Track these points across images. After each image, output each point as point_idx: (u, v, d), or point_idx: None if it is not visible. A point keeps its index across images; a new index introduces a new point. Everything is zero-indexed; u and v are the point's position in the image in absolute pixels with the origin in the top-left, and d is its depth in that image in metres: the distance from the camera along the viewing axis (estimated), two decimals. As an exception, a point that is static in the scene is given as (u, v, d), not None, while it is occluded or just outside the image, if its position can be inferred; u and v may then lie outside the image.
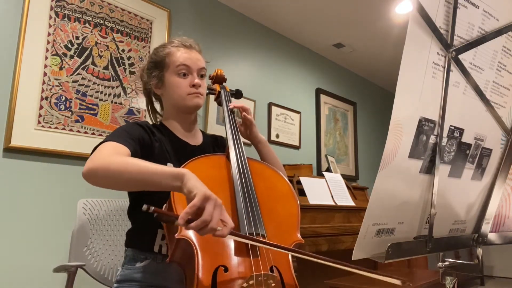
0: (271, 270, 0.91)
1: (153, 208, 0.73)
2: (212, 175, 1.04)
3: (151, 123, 1.22)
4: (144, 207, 0.72)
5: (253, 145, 1.30)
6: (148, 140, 1.07)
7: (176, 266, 0.95)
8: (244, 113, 1.27)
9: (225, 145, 1.29)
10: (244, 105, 1.28)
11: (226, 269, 0.87)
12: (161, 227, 1.06)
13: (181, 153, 1.09)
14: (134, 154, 0.98)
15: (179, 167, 0.99)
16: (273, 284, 0.86)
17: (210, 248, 0.89)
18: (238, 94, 1.39)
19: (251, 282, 0.84)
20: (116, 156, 0.90)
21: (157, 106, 1.31)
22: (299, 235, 1.05)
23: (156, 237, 1.07)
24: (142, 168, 0.85)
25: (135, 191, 0.91)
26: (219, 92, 1.33)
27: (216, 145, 1.29)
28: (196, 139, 1.23)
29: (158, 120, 1.27)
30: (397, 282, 0.69)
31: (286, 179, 1.18)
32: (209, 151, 1.19)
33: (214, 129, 2.75)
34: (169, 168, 0.86)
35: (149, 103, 1.29)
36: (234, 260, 0.90)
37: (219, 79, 1.37)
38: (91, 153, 0.94)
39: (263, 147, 1.30)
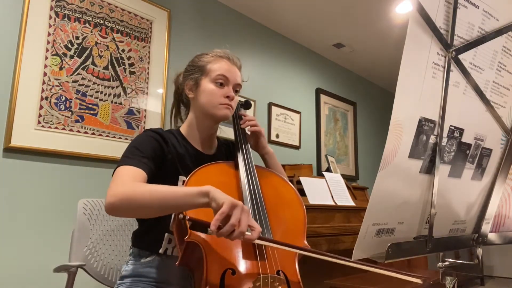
0: (278, 274, 0.93)
1: (188, 217, 0.80)
2: (220, 182, 1.06)
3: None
4: (181, 216, 0.80)
5: (260, 155, 1.31)
6: (160, 153, 1.07)
7: (185, 268, 0.96)
8: (254, 127, 1.27)
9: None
10: (255, 123, 1.27)
11: (233, 272, 0.89)
12: (168, 231, 1.07)
13: (195, 163, 1.09)
14: (149, 174, 1.00)
15: None
16: (279, 287, 0.87)
17: (218, 251, 0.91)
18: (247, 105, 1.41)
19: (257, 284, 0.85)
20: (136, 186, 0.91)
21: (182, 110, 1.31)
22: (305, 242, 1.06)
23: (163, 240, 1.09)
24: (167, 195, 0.88)
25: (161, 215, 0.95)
26: None
27: (229, 151, 1.30)
28: (211, 148, 1.24)
29: (177, 126, 1.27)
30: (418, 281, 0.69)
31: (293, 187, 1.19)
32: (223, 159, 1.21)
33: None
34: (192, 188, 0.88)
35: (176, 106, 1.29)
36: (242, 263, 0.92)
37: None
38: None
39: (270, 158, 1.30)
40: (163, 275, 1.07)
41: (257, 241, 0.86)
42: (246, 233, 0.82)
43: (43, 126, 1.94)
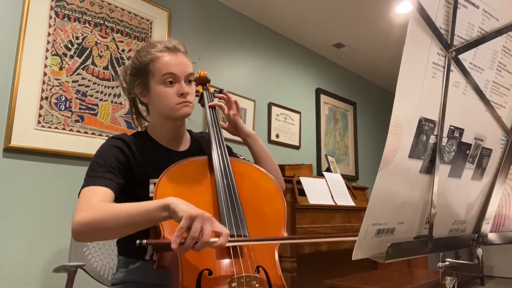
0: (257, 271, 0.91)
1: (145, 241, 0.77)
2: (194, 179, 1.04)
3: (134, 130, 1.19)
4: (137, 242, 0.76)
5: (242, 140, 1.26)
6: (124, 161, 1.04)
7: (164, 271, 0.95)
8: (226, 111, 1.24)
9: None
10: (226, 101, 1.24)
11: (210, 273, 0.88)
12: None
13: (166, 162, 1.05)
14: (115, 189, 0.98)
15: None
16: (257, 285, 0.86)
17: (193, 252, 0.89)
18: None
19: (233, 285, 0.84)
20: (99, 209, 0.88)
21: (143, 110, 1.25)
22: (285, 233, 1.05)
23: (147, 247, 1.07)
24: (128, 214, 0.86)
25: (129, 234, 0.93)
26: (202, 93, 1.31)
27: (204, 144, 1.25)
28: (184, 144, 1.20)
29: (144, 126, 1.22)
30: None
31: (272, 178, 1.16)
32: (197, 155, 1.16)
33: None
34: (153, 202, 0.86)
35: (134, 108, 1.23)
36: (218, 263, 0.91)
37: (202, 81, 1.34)
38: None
39: (253, 142, 1.24)
40: (153, 279, 1.05)
41: (229, 244, 0.84)
42: (213, 239, 0.80)
43: (43, 126, 1.94)
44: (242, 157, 1.25)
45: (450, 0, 0.59)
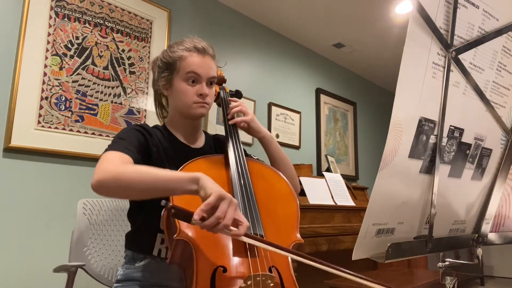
0: (270, 271, 0.92)
1: (170, 204, 0.76)
2: (210, 176, 1.05)
3: (153, 123, 1.21)
4: (163, 202, 0.75)
5: (259, 141, 1.29)
6: (145, 145, 1.06)
7: (176, 266, 0.95)
8: (240, 119, 1.23)
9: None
10: (242, 108, 1.24)
11: (225, 270, 0.88)
12: (160, 231, 1.06)
13: (181, 157, 1.08)
14: (135, 161, 0.97)
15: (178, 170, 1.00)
16: (272, 284, 0.86)
17: (208, 249, 0.89)
18: (237, 95, 1.39)
19: (249, 282, 0.84)
20: (125, 165, 0.89)
21: (164, 101, 1.29)
22: (298, 235, 1.05)
23: (155, 241, 1.07)
24: (156, 176, 0.86)
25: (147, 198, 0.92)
26: (218, 93, 1.33)
27: (218, 145, 1.28)
28: (198, 142, 1.22)
29: (163, 117, 1.26)
30: None
31: (286, 179, 1.17)
32: (211, 153, 1.19)
33: (215, 128, 2.75)
34: (183, 173, 0.86)
35: (157, 98, 1.27)
36: (233, 260, 0.91)
37: (218, 80, 1.35)
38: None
39: (269, 143, 1.26)
40: (159, 278, 1.06)
41: (244, 239, 0.83)
42: (232, 228, 0.79)
43: (43, 126, 1.94)
44: (256, 157, 1.26)
45: (450, 0, 0.59)
